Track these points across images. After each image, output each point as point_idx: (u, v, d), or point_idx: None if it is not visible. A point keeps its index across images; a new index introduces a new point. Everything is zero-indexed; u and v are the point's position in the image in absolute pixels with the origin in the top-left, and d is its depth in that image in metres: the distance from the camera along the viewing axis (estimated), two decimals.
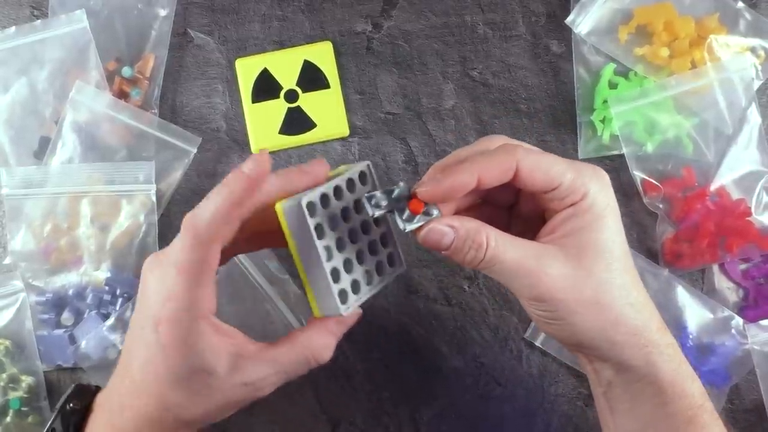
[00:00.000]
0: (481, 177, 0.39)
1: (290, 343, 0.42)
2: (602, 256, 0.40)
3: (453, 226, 0.40)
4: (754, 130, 0.58)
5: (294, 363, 0.42)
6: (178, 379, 0.40)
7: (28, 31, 0.58)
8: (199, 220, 0.39)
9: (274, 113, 0.60)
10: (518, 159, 0.39)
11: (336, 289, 0.41)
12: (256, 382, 0.41)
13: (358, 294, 0.42)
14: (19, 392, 0.55)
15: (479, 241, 0.40)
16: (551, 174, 0.40)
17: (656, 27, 0.59)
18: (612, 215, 0.41)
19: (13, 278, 0.56)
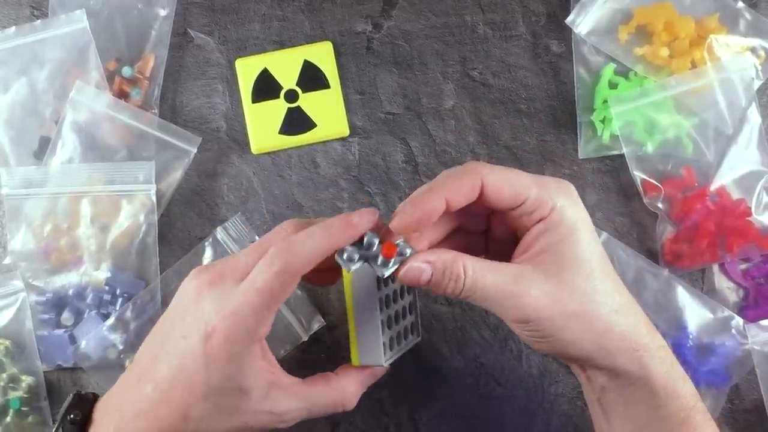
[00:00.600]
0: (449, 199, 0.40)
1: (324, 386, 0.44)
2: (581, 267, 0.40)
3: (429, 261, 0.40)
4: (754, 130, 0.58)
5: (323, 404, 0.44)
6: (212, 393, 0.40)
7: (28, 31, 0.58)
8: (297, 252, 0.40)
9: (274, 113, 0.60)
10: (482, 176, 0.40)
11: (383, 340, 0.44)
12: (284, 413, 0.42)
13: (394, 350, 0.46)
14: (19, 392, 0.55)
15: (457, 272, 0.40)
16: (516, 188, 0.40)
17: (656, 27, 0.59)
18: (584, 225, 0.41)
19: (13, 278, 0.56)
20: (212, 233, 0.56)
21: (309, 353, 0.57)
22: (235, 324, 0.39)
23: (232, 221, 0.57)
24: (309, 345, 0.57)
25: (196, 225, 0.59)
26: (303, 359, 0.57)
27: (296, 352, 0.57)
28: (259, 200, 0.59)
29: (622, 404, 0.43)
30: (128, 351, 0.55)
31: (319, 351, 0.57)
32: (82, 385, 0.56)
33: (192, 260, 0.56)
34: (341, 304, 0.57)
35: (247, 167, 0.60)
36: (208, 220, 0.59)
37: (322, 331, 0.57)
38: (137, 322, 0.55)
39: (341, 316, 0.57)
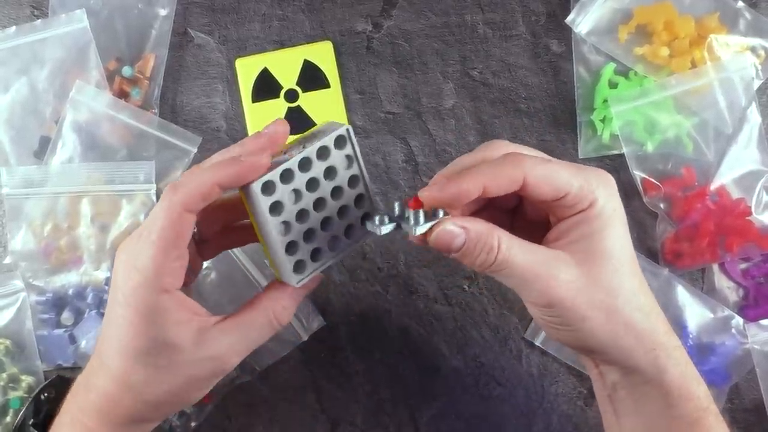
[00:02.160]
0: (487, 187, 0.39)
1: (252, 308, 0.43)
2: (610, 261, 0.40)
3: (464, 227, 0.39)
4: (753, 129, 0.58)
5: (257, 327, 0.42)
6: (142, 353, 0.39)
7: (28, 30, 0.58)
8: (179, 188, 0.39)
9: (274, 113, 0.60)
10: (525, 171, 0.39)
11: (290, 262, 0.42)
12: (224, 353, 0.41)
13: (318, 261, 0.43)
14: (19, 392, 0.55)
15: (491, 244, 0.39)
16: (559, 184, 0.39)
17: (656, 26, 0.59)
18: (619, 220, 0.40)
19: (14, 278, 0.56)
20: None
21: (309, 353, 0.57)
22: (136, 279, 0.39)
23: None
24: (309, 345, 0.57)
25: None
26: (303, 359, 0.57)
27: (296, 352, 0.57)
28: None
29: (633, 402, 0.42)
30: None
31: (319, 351, 0.57)
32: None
33: None
34: (341, 305, 0.57)
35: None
36: None
37: (322, 331, 0.57)
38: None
39: (341, 316, 0.57)
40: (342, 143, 0.42)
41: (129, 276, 0.39)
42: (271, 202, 0.40)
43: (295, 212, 0.41)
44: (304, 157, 0.40)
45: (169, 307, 0.39)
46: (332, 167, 0.42)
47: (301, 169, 0.40)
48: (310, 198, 0.41)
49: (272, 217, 0.40)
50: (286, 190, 0.40)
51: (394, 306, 0.58)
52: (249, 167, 0.38)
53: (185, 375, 0.41)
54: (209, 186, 0.38)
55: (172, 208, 0.38)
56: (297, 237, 0.42)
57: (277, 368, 0.57)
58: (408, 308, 0.58)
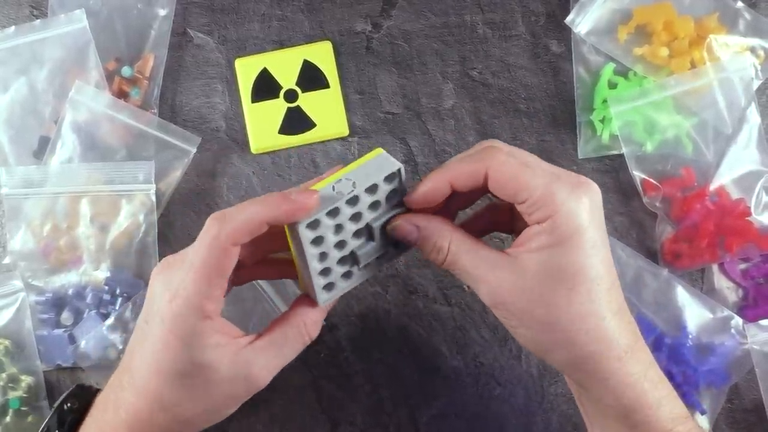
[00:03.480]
0: (453, 183, 0.41)
1: (283, 325, 0.43)
2: (563, 281, 0.39)
3: (417, 225, 0.42)
4: (753, 129, 0.58)
5: (291, 343, 0.43)
6: (180, 375, 0.40)
7: (27, 30, 0.58)
8: (228, 221, 0.39)
9: (273, 113, 0.60)
10: (488, 166, 0.39)
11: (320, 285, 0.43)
12: (258, 373, 0.42)
13: (348, 281, 0.44)
14: (19, 392, 0.54)
15: (440, 245, 0.41)
16: (519, 187, 0.39)
17: (656, 27, 0.59)
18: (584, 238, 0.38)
19: (13, 278, 0.56)
20: None
21: (309, 353, 0.57)
22: (179, 305, 0.39)
23: None
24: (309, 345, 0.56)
25: (196, 225, 0.59)
26: (303, 359, 0.57)
27: None
28: None
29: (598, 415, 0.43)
30: None
31: (320, 351, 0.57)
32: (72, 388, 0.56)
33: None
34: (341, 305, 0.57)
35: (246, 167, 0.60)
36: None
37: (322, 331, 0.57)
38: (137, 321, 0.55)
39: (342, 317, 0.57)
40: (392, 179, 0.42)
41: (171, 300, 0.39)
42: (314, 236, 0.40)
43: (334, 243, 0.42)
44: (354, 196, 0.40)
45: (209, 332, 0.40)
46: (378, 201, 0.42)
47: (349, 205, 0.41)
48: (351, 229, 0.42)
49: (312, 249, 0.41)
50: (331, 225, 0.41)
51: (394, 306, 0.58)
52: (299, 207, 0.39)
53: (220, 394, 0.41)
54: (257, 223, 0.39)
55: (219, 240, 0.39)
56: (332, 264, 0.42)
57: None
58: (408, 308, 0.58)
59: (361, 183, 0.40)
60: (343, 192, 0.40)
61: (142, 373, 0.41)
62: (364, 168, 0.41)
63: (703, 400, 0.55)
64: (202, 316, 0.39)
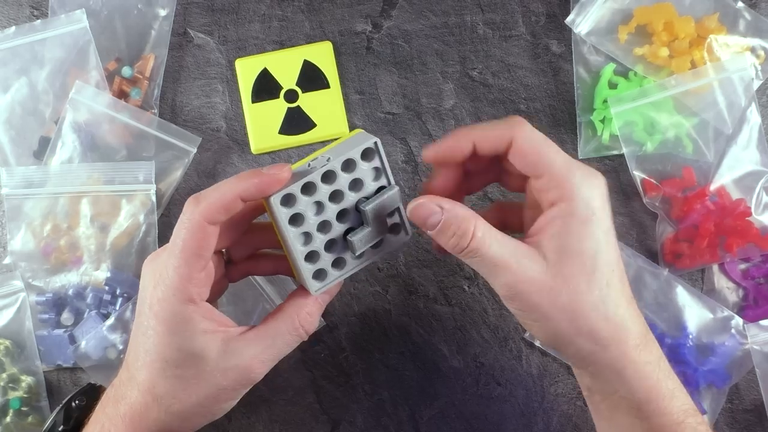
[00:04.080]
0: (477, 143, 0.41)
1: (277, 317, 0.43)
2: (583, 266, 0.39)
3: (442, 206, 0.40)
4: (753, 129, 0.58)
5: (283, 335, 0.42)
6: (169, 365, 0.40)
7: (28, 30, 0.58)
8: (201, 200, 0.39)
9: (273, 113, 0.60)
10: (515, 132, 0.40)
11: (309, 271, 0.42)
12: (250, 363, 0.41)
13: (341, 270, 0.43)
14: (19, 392, 0.55)
15: (465, 228, 0.40)
16: (541, 159, 0.40)
17: (656, 27, 0.59)
18: (598, 223, 0.39)
19: (13, 278, 0.56)
20: None
21: (309, 353, 0.57)
22: (162, 290, 0.39)
23: None
24: (309, 345, 0.56)
25: None
26: (303, 359, 0.57)
27: (296, 352, 0.56)
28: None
29: (606, 409, 0.42)
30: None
31: (319, 351, 0.57)
32: (82, 385, 0.56)
33: None
34: (341, 305, 0.57)
35: (246, 167, 0.60)
36: None
37: (322, 331, 0.57)
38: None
39: (341, 317, 0.57)
40: (370, 156, 0.41)
41: (155, 287, 0.39)
42: (291, 214, 0.40)
43: (316, 223, 0.41)
44: (328, 170, 0.40)
45: (195, 317, 0.40)
46: (358, 179, 0.41)
47: (325, 181, 0.40)
48: (333, 210, 0.41)
49: (293, 228, 0.40)
50: (308, 203, 0.40)
51: (394, 306, 0.58)
52: (269, 179, 0.39)
53: (212, 385, 0.41)
54: (231, 198, 0.39)
55: (194, 219, 0.39)
56: (318, 247, 0.42)
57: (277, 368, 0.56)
58: (408, 308, 0.58)
59: (336, 158, 0.40)
60: (317, 167, 0.40)
61: (137, 365, 0.41)
62: (340, 146, 0.41)
63: (704, 400, 0.55)
64: (185, 299, 0.39)
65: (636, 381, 0.40)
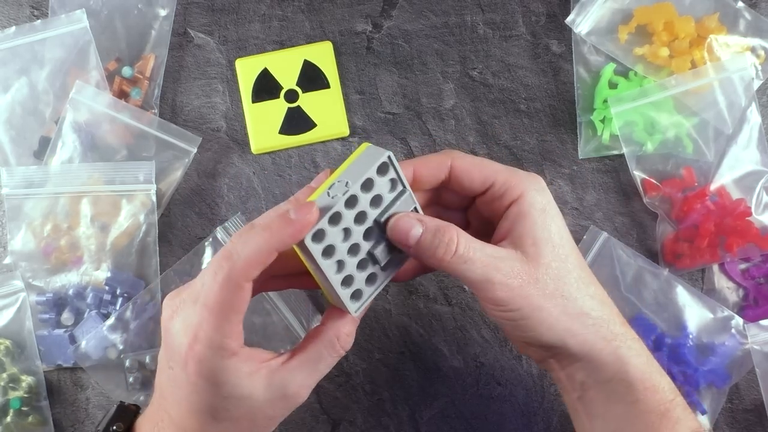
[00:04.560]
0: (417, 172, 0.43)
1: (317, 341, 0.42)
2: (556, 250, 0.41)
3: (421, 220, 0.41)
4: (753, 129, 0.58)
5: (325, 357, 0.42)
6: (220, 413, 0.40)
7: (28, 30, 0.58)
8: (237, 259, 0.38)
9: (274, 113, 0.60)
10: (452, 158, 0.43)
11: (347, 295, 0.42)
12: (295, 391, 0.41)
13: (373, 285, 0.43)
14: (20, 392, 0.55)
15: (449, 236, 0.40)
16: (485, 173, 0.42)
17: (656, 27, 0.59)
18: (554, 212, 0.42)
19: (14, 278, 0.56)
20: (212, 233, 0.56)
21: None
22: (201, 350, 0.38)
23: (232, 221, 0.57)
24: None
25: (196, 225, 0.59)
26: None
27: None
28: (259, 200, 0.59)
29: (603, 402, 0.43)
30: (128, 351, 0.55)
31: None
32: (82, 385, 0.56)
33: (192, 260, 0.56)
34: None
35: (247, 167, 0.60)
36: (208, 220, 0.59)
37: None
38: (137, 321, 0.55)
39: None
40: (384, 169, 0.41)
41: (192, 345, 0.39)
42: (323, 247, 0.39)
43: (346, 249, 0.41)
44: (351, 195, 0.39)
45: (238, 365, 0.39)
46: (378, 195, 0.41)
47: (348, 206, 0.40)
48: (359, 232, 0.41)
49: (326, 261, 0.40)
50: (337, 232, 0.40)
51: (395, 306, 0.58)
52: (301, 225, 0.38)
53: (261, 417, 0.41)
54: (266, 254, 0.38)
55: (232, 279, 0.38)
56: (351, 271, 0.41)
57: None
58: (408, 308, 0.58)
59: (355, 181, 0.39)
60: (338, 194, 0.39)
61: (180, 414, 0.40)
62: (354, 166, 0.40)
63: (704, 400, 0.55)
64: (227, 354, 0.39)
65: (631, 357, 0.42)
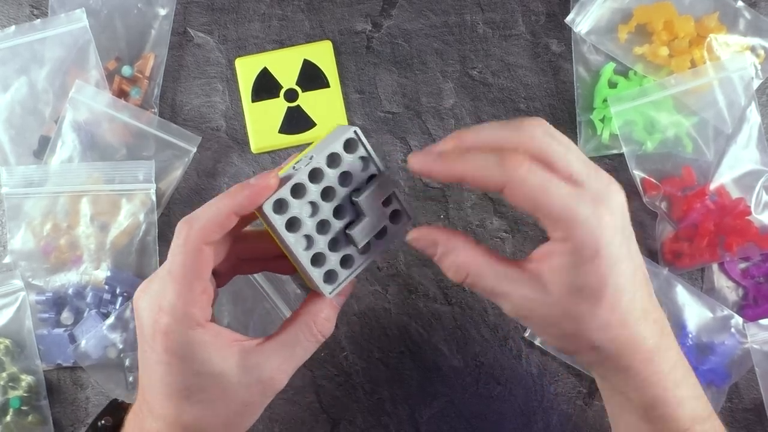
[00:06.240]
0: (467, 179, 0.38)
1: (293, 324, 0.42)
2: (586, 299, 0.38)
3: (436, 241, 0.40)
4: (753, 129, 0.58)
5: (301, 342, 0.42)
6: (192, 392, 0.39)
7: (27, 30, 0.58)
8: (195, 221, 0.38)
9: (273, 112, 0.60)
10: (508, 180, 0.37)
11: (319, 274, 0.41)
12: (272, 375, 0.41)
13: (350, 268, 0.42)
14: (19, 391, 0.55)
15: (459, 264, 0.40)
16: (538, 206, 0.37)
17: (656, 26, 0.59)
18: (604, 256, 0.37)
19: (13, 277, 0.56)
20: None
21: None
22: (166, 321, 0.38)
23: None
24: None
25: None
26: None
27: None
28: None
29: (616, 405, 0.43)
30: (128, 350, 0.55)
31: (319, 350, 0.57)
32: (81, 384, 0.56)
33: None
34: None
35: (246, 166, 0.60)
36: None
37: None
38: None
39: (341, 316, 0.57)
40: (353, 146, 0.40)
41: (157, 319, 0.38)
42: (286, 219, 0.39)
43: (315, 225, 0.40)
44: (314, 168, 0.39)
45: (206, 339, 0.39)
46: (347, 172, 0.41)
47: (313, 180, 0.40)
48: (328, 208, 0.41)
49: (291, 234, 0.40)
50: (301, 205, 0.40)
51: (394, 305, 0.58)
52: (258, 188, 0.38)
53: (236, 403, 0.40)
54: (224, 215, 0.38)
55: (190, 242, 0.38)
56: (322, 248, 0.41)
57: None
58: (408, 308, 0.58)
59: (319, 155, 0.39)
60: (302, 167, 0.39)
61: (156, 399, 0.40)
62: (321, 143, 0.41)
63: None
64: (192, 324, 0.38)
65: (642, 388, 0.40)
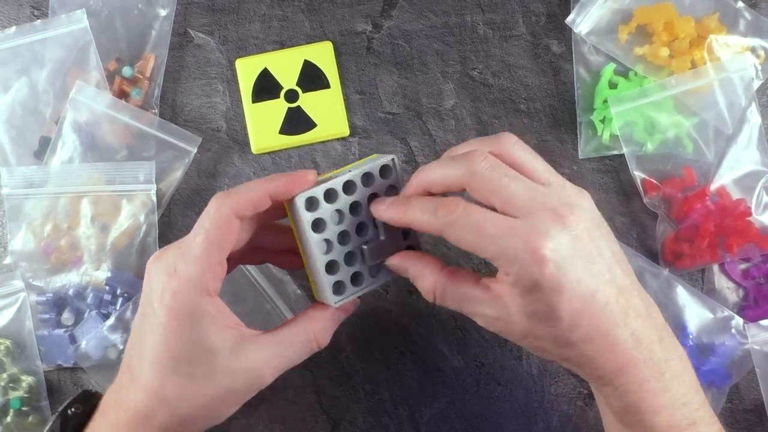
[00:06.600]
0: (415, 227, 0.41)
1: (292, 326, 0.43)
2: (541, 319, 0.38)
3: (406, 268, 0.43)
4: (754, 129, 0.58)
5: (295, 345, 0.43)
6: (180, 362, 0.39)
7: (28, 30, 0.58)
8: (231, 193, 0.40)
9: (274, 113, 0.60)
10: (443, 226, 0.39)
11: (329, 282, 0.42)
12: (261, 367, 0.41)
13: (359, 286, 0.44)
14: (20, 392, 0.55)
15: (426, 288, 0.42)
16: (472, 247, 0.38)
17: (656, 27, 0.59)
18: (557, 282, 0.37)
19: (14, 278, 0.56)
20: None
21: None
22: (179, 281, 0.39)
23: None
24: None
25: None
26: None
27: None
28: None
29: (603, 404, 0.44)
30: None
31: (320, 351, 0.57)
32: (82, 385, 0.56)
33: None
34: None
35: (247, 167, 0.60)
36: None
37: None
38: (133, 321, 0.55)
39: None
40: (387, 173, 0.43)
41: (168, 281, 0.39)
42: (314, 218, 0.41)
43: (337, 232, 0.42)
44: (348, 180, 0.42)
45: (211, 310, 0.40)
46: (375, 194, 0.43)
47: (345, 191, 0.42)
48: (352, 221, 0.43)
49: (314, 234, 0.41)
50: (330, 210, 0.42)
51: (395, 306, 0.58)
52: (297, 179, 0.40)
53: (220, 386, 0.40)
54: (260, 194, 0.40)
55: (221, 210, 0.39)
56: (338, 257, 0.43)
57: None
58: (408, 308, 0.58)
59: (356, 171, 0.42)
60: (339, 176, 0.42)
61: (142, 366, 0.40)
62: (360, 163, 0.44)
63: None
64: (202, 291, 0.39)
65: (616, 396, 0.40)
